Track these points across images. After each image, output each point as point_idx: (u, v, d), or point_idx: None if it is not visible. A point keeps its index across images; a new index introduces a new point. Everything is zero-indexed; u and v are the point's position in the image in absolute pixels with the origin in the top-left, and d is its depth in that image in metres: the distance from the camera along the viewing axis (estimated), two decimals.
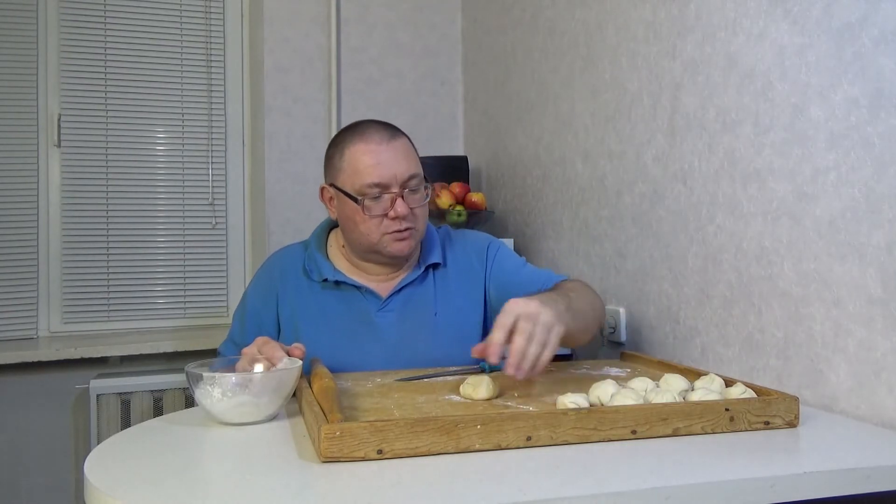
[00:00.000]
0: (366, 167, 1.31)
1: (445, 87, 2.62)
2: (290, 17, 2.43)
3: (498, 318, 1.06)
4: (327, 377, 1.07)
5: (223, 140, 2.53)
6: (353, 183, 1.32)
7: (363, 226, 1.33)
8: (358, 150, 1.33)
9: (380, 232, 1.33)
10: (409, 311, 1.40)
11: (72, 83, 2.36)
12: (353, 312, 1.40)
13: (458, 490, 0.77)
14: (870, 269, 1.06)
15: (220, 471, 0.88)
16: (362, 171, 1.31)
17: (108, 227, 2.40)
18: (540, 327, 1.04)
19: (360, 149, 1.33)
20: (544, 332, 1.04)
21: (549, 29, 2.01)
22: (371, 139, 1.33)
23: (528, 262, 1.51)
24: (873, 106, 1.05)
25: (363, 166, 1.32)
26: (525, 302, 1.06)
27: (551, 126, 2.00)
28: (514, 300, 1.07)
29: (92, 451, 0.94)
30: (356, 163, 1.32)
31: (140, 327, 2.44)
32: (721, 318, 1.36)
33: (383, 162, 1.31)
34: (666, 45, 1.51)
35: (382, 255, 1.37)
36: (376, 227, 1.33)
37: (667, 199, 1.51)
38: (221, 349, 1.46)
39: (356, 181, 1.32)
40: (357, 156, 1.33)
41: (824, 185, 1.14)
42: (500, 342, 1.03)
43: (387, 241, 1.34)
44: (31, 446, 2.20)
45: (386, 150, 1.33)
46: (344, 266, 1.43)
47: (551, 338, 1.05)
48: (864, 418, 1.07)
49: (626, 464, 0.85)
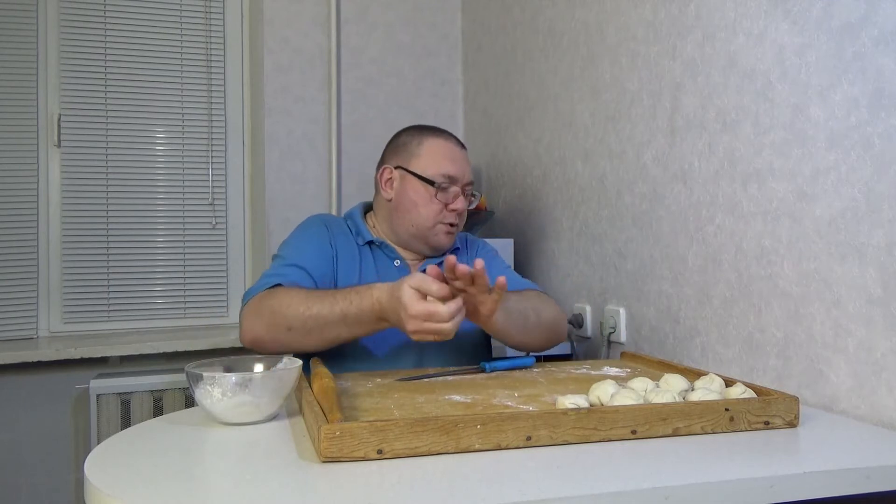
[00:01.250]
0: (444, 157, 1.50)
1: (445, 87, 2.62)
2: (290, 18, 2.43)
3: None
4: (327, 377, 1.07)
5: (223, 140, 2.53)
6: (431, 168, 1.48)
7: (425, 209, 1.48)
8: (439, 144, 1.51)
9: (437, 220, 1.49)
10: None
11: (72, 83, 2.36)
12: (387, 278, 1.44)
13: (458, 490, 0.77)
14: (870, 269, 1.06)
15: (220, 471, 0.88)
16: (441, 160, 1.49)
17: (108, 227, 2.40)
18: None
19: (441, 143, 1.52)
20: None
21: (549, 29, 2.01)
22: (449, 139, 1.54)
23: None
24: (873, 106, 1.05)
25: (442, 156, 1.49)
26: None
27: (551, 126, 2.00)
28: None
29: (92, 451, 0.94)
30: (436, 151, 1.50)
31: (140, 327, 2.44)
32: (721, 318, 1.36)
33: (458, 159, 1.52)
34: (666, 45, 1.51)
35: (426, 244, 1.51)
36: (436, 213, 1.48)
37: (667, 199, 1.51)
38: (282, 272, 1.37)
39: (433, 167, 1.48)
40: (437, 147, 1.51)
41: (824, 185, 1.14)
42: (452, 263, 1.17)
43: (439, 229, 1.50)
44: (31, 446, 2.20)
45: (460, 152, 1.54)
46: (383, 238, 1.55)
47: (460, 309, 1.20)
48: (864, 418, 1.07)
49: (626, 464, 0.85)
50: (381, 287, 1.25)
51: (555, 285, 1.98)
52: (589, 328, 1.82)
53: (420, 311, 1.16)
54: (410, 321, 1.17)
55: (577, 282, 1.88)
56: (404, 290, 1.17)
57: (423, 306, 1.16)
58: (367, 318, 1.25)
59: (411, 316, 1.16)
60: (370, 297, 1.25)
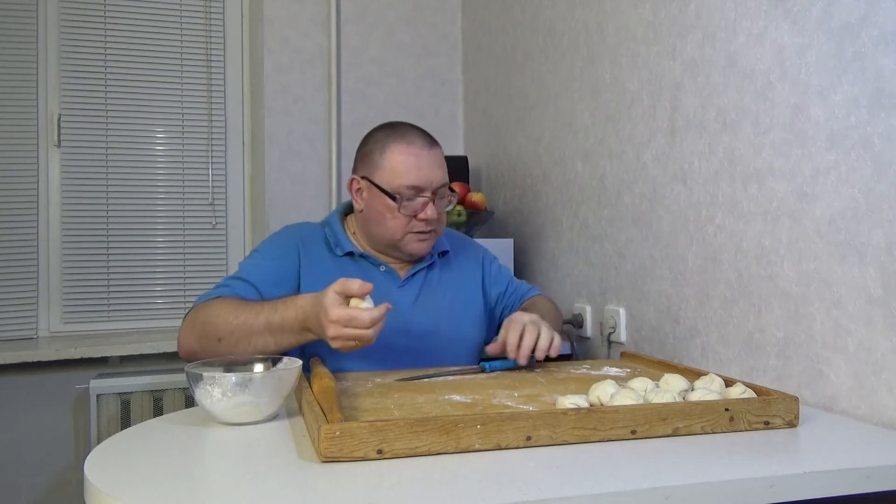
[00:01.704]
0: (407, 169, 1.39)
1: (445, 87, 2.62)
2: (290, 18, 2.43)
3: (509, 326, 1.31)
4: (327, 377, 1.07)
5: (223, 140, 2.53)
6: (392, 181, 1.39)
7: (392, 222, 1.40)
8: (401, 152, 1.40)
9: (406, 230, 1.41)
10: (423, 292, 1.48)
11: (72, 83, 2.36)
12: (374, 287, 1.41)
13: (458, 490, 0.77)
14: (870, 269, 1.06)
15: (220, 471, 0.88)
16: (403, 171, 1.38)
17: (108, 227, 2.40)
18: (544, 329, 1.31)
19: (403, 150, 1.40)
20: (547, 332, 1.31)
21: (549, 29, 2.01)
22: (414, 143, 1.41)
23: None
24: (873, 106, 1.05)
25: (404, 167, 1.39)
26: (528, 314, 1.34)
27: (551, 126, 2.00)
28: (518, 313, 1.34)
29: (92, 451, 0.94)
30: (398, 163, 1.39)
31: (140, 327, 2.44)
32: (721, 318, 1.36)
33: (423, 167, 1.39)
34: (666, 45, 1.51)
35: (401, 252, 1.45)
36: (403, 225, 1.40)
37: (667, 199, 1.51)
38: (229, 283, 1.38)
39: (395, 180, 1.39)
40: (399, 157, 1.40)
41: (824, 185, 1.14)
42: (515, 342, 1.28)
43: (410, 239, 1.42)
44: (31, 446, 2.20)
45: (427, 156, 1.41)
46: (362, 248, 1.50)
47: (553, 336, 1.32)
48: (864, 418, 1.07)
49: (626, 464, 0.85)
50: (308, 296, 1.22)
51: (555, 285, 1.98)
52: (589, 328, 1.82)
53: (340, 316, 1.13)
54: (330, 326, 1.13)
55: (577, 282, 1.88)
56: (327, 294, 1.15)
57: (343, 311, 1.13)
58: (290, 326, 1.21)
59: (331, 321, 1.13)
60: (294, 305, 1.22)
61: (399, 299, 1.43)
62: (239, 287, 1.35)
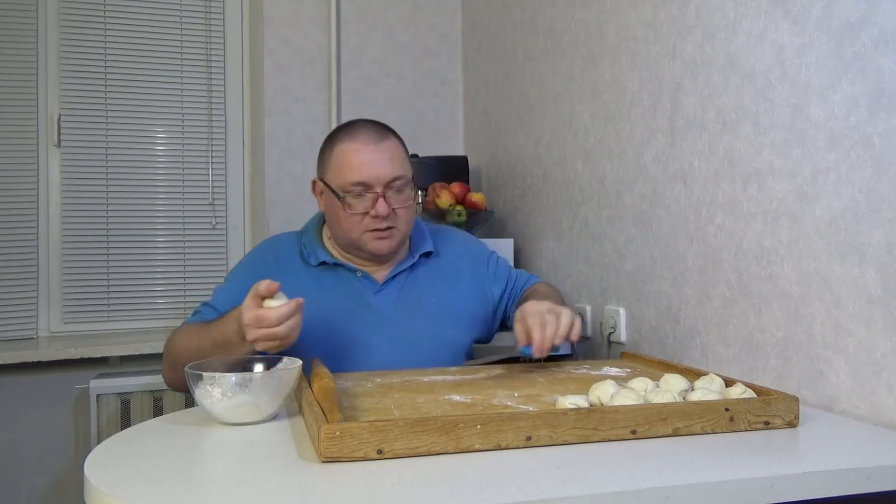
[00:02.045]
0: (350, 166, 1.36)
1: (445, 87, 2.62)
2: (290, 18, 2.43)
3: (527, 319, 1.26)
4: (327, 377, 1.07)
5: (223, 140, 2.53)
6: (338, 179, 1.37)
7: (345, 222, 1.38)
8: (345, 149, 1.38)
9: (361, 229, 1.38)
10: (403, 295, 1.47)
11: (72, 83, 2.36)
12: (351, 294, 1.43)
13: (458, 490, 0.77)
14: (870, 269, 1.06)
15: (220, 471, 0.88)
16: (347, 169, 1.37)
17: (108, 227, 2.40)
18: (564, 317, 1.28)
19: (348, 147, 1.38)
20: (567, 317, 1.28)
21: (549, 29, 2.01)
22: (358, 139, 1.38)
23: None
24: (873, 106, 1.05)
25: (348, 165, 1.37)
26: (541, 303, 1.29)
27: (551, 126, 2.00)
28: (532, 303, 1.29)
29: (92, 451, 0.94)
30: (342, 161, 1.38)
31: (140, 327, 2.44)
32: (721, 318, 1.36)
33: (367, 162, 1.36)
34: (666, 45, 1.51)
35: (363, 252, 1.42)
36: (357, 223, 1.38)
37: (667, 199, 1.51)
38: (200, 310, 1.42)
39: (340, 178, 1.37)
40: (344, 154, 1.38)
41: (824, 185, 1.14)
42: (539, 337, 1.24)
43: (367, 238, 1.39)
44: (31, 446, 2.20)
45: (373, 150, 1.37)
46: (337, 254, 1.48)
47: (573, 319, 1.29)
48: (864, 418, 1.07)
49: (626, 464, 0.85)
50: (239, 307, 1.21)
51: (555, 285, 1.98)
52: (589, 328, 1.82)
53: (250, 318, 1.13)
54: (247, 330, 1.14)
55: (577, 282, 1.88)
56: (244, 301, 1.15)
57: (252, 312, 1.13)
58: (232, 341, 1.21)
59: (245, 324, 1.14)
60: (231, 318, 1.21)
61: (377, 304, 1.43)
62: (208, 314, 1.38)
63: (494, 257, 1.61)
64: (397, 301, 1.45)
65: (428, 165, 2.22)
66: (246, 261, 1.51)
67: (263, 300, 1.15)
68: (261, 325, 1.13)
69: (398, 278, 1.47)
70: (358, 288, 1.43)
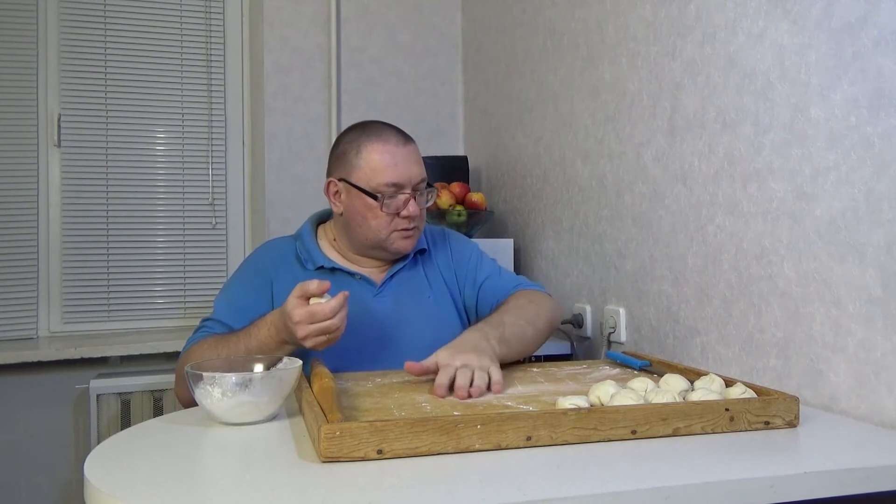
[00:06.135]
0: (385, 166, 1.38)
1: (445, 87, 2.62)
2: (290, 18, 2.43)
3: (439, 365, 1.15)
4: (327, 377, 1.07)
5: (223, 140, 2.53)
6: (371, 180, 1.38)
7: (375, 221, 1.39)
8: (376, 150, 1.39)
9: (390, 229, 1.40)
10: (403, 295, 1.47)
11: (72, 83, 2.36)
12: (351, 298, 1.42)
13: (458, 490, 0.77)
14: (870, 269, 1.06)
15: (220, 471, 0.88)
16: (381, 169, 1.38)
17: (108, 227, 2.40)
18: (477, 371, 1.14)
19: (379, 148, 1.39)
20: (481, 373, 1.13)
21: (549, 29, 2.01)
22: (389, 140, 1.40)
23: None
24: (873, 106, 1.05)
25: (382, 165, 1.38)
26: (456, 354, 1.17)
27: (551, 126, 2.00)
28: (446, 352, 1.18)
29: (92, 451, 0.94)
30: (375, 161, 1.39)
31: (140, 327, 2.43)
32: (721, 318, 1.36)
33: (400, 163, 1.39)
34: (666, 45, 1.51)
35: (387, 251, 1.44)
36: (387, 223, 1.40)
37: (667, 199, 1.51)
38: (206, 325, 1.41)
39: (374, 179, 1.38)
40: (375, 155, 1.39)
41: (824, 185, 1.14)
42: (443, 383, 1.11)
43: (395, 237, 1.41)
44: (31, 446, 2.20)
45: (402, 152, 1.40)
46: (335, 257, 1.48)
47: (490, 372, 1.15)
48: (864, 418, 1.07)
49: (626, 464, 0.85)
50: (274, 311, 1.25)
51: (555, 285, 1.98)
52: (589, 328, 1.82)
53: (302, 315, 1.16)
54: (298, 328, 1.17)
55: (577, 282, 1.88)
56: (288, 301, 1.18)
57: (304, 310, 1.16)
58: (268, 346, 1.24)
59: (296, 323, 1.16)
60: (265, 324, 1.24)
61: (377, 307, 1.44)
62: (214, 327, 1.39)
63: (475, 260, 1.56)
64: (397, 302, 1.46)
65: (428, 165, 2.20)
66: (243, 269, 1.50)
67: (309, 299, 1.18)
68: (314, 321, 1.16)
69: (396, 277, 1.48)
70: (357, 291, 1.43)
